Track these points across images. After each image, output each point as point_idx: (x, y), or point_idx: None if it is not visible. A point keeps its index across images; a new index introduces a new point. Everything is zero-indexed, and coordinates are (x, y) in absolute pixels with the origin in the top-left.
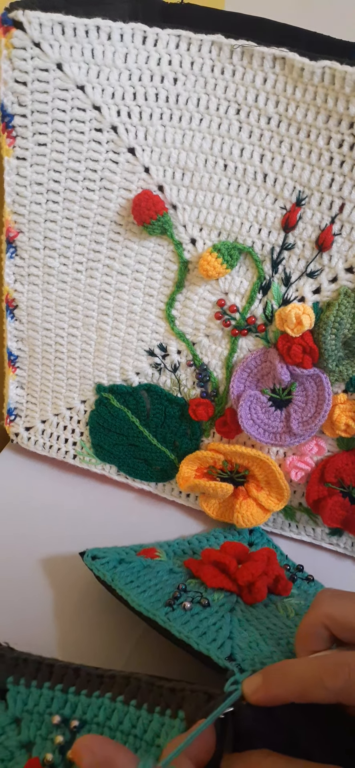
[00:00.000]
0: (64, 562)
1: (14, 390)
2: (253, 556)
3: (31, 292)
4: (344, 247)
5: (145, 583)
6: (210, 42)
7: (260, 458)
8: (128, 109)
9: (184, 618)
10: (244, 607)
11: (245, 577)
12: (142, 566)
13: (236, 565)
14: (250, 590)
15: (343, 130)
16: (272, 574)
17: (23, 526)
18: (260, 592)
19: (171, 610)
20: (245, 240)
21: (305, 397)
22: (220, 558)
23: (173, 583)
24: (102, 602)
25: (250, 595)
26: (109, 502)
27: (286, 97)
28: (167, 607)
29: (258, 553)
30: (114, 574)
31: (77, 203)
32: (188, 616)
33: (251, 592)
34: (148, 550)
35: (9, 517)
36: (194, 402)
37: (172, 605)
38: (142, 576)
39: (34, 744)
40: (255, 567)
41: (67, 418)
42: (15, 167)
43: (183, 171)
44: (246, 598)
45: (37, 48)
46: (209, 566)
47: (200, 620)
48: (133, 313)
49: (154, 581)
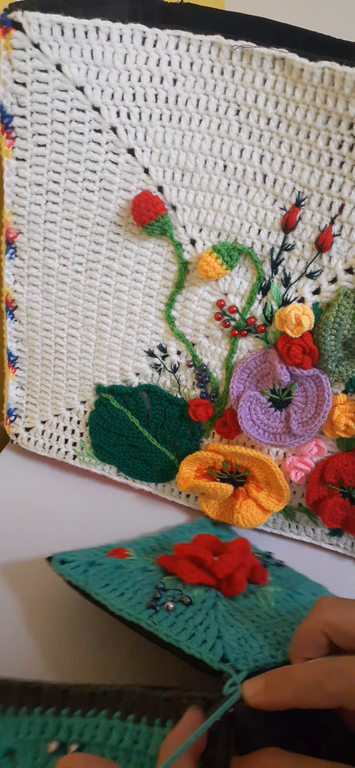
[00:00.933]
0: None
1: (14, 390)
2: (228, 547)
3: (30, 292)
4: (343, 248)
5: (121, 585)
6: (209, 42)
7: (260, 459)
8: (128, 110)
9: (169, 620)
10: (225, 601)
11: (223, 569)
12: (115, 567)
13: (212, 558)
14: (229, 582)
15: (342, 131)
16: (249, 564)
17: (23, 526)
18: (240, 584)
19: (154, 612)
20: (244, 241)
21: (304, 397)
22: (195, 552)
23: (150, 582)
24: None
25: (229, 588)
26: (109, 503)
27: (285, 97)
28: (150, 609)
29: (233, 544)
30: (87, 577)
31: (77, 204)
32: (173, 618)
33: (230, 584)
34: (117, 550)
35: (9, 517)
36: (194, 403)
37: (155, 607)
38: (116, 578)
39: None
40: (233, 558)
41: (67, 418)
42: (14, 168)
43: (183, 172)
44: (225, 590)
45: (37, 49)
46: (184, 561)
47: (186, 620)
48: (133, 313)
49: (130, 582)
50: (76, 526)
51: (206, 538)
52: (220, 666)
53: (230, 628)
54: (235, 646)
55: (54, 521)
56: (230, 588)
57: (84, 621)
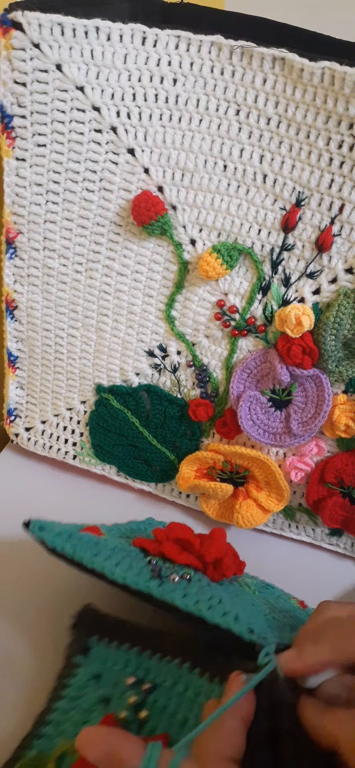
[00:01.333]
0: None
1: (14, 390)
2: (211, 535)
3: (30, 292)
4: (343, 248)
5: (112, 556)
6: (210, 43)
7: (260, 459)
8: (128, 110)
9: (178, 591)
10: (215, 584)
11: (212, 553)
12: (94, 542)
13: (199, 542)
14: (215, 567)
15: (342, 131)
16: (231, 552)
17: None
18: (228, 569)
19: (161, 582)
20: (244, 241)
21: (304, 397)
22: (183, 535)
23: (136, 558)
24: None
25: (216, 572)
26: (109, 502)
27: (285, 97)
28: (156, 579)
29: (213, 532)
30: (72, 545)
31: (77, 204)
32: (182, 590)
33: (217, 569)
34: (90, 527)
35: (9, 517)
36: (194, 403)
37: (161, 578)
38: (102, 549)
39: (111, 700)
40: (220, 544)
41: (67, 418)
42: (14, 168)
43: (183, 172)
44: (212, 574)
45: (37, 49)
46: (170, 543)
47: (196, 593)
48: (133, 313)
49: (119, 554)
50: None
51: (182, 526)
52: (251, 637)
53: (238, 606)
54: (253, 620)
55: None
56: (217, 572)
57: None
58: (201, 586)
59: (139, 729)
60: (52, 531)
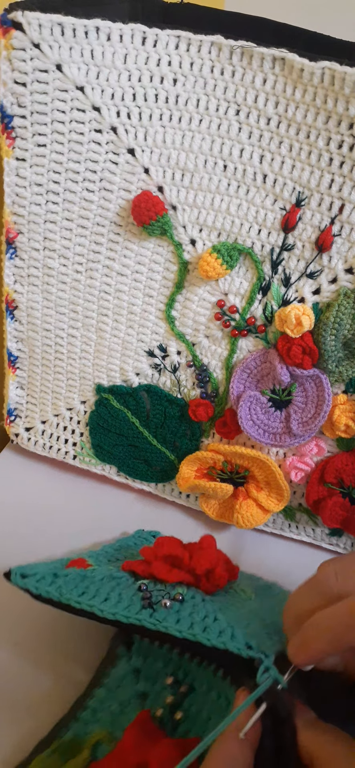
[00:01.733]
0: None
1: (14, 390)
2: (198, 545)
3: (30, 293)
4: (343, 248)
5: (100, 591)
6: (210, 43)
7: (260, 459)
8: (128, 110)
9: (172, 616)
10: (210, 598)
11: (202, 565)
12: (81, 577)
13: (188, 556)
14: (208, 578)
15: (342, 131)
16: (223, 559)
17: (23, 526)
18: (221, 578)
19: (153, 611)
20: (244, 241)
21: (304, 397)
22: (171, 551)
23: (125, 586)
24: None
25: (209, 584)
26: (109, 502)
27: (285, 97)
28: (148, 608)
29: (202, 541)
30: (58, 588)
31: (77, 204)
32: (174, 614)
33: (209, 580)
34: (76, 561)
35: (9, 517)
36: (194, 403)
37: (152, 606)
38: (90, 585)
39: (148, 696)
40: (209, 553)
41: (67, 418)
42: (14, 168)
43: (183, 172)
44: (205, 587)
45: (37, 49)
46: (159, 563)
47: (189, 614)
48: (133, 313)
49: (107, 588)
50: (76, 526)
51: (169, 540)
52: (249, 653)
53: (234, 620)
54: (250, 633)
55: (54, 521)
56: (210, 584)
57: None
58: (195, 604)
59: (173, 729)
60: (35, 576)
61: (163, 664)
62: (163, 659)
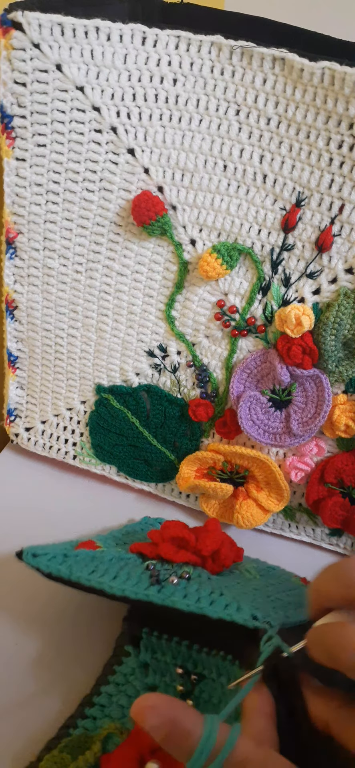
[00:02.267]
0: None
1: (14, 390)
2: (203, 528)
3: (30, 293)
4: (343, 248)
5: (109, 570)
6: (209, 43)
7: (260, 459)
8: (128, 110)
9: (179, 592)
10: (215, 576)
11: (208, 546)
12: (90, 557)
13: (195, 538)
14: (214, 559)
15: (342, 131)
16: (228, 541)
17: (23, 526)
18: (227, 558)
19: (161, 587)
20: (244, 241)
21: (304, 397)
22: (178, 533)
23: (133, 566)
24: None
25: (215, 564)
26: (109, 502)
27: (285, 97)
28: (156, 585)
29: (208, 524)
30: (68, 567)
31: (77, 204)
32: (182, 590)
33: (215, 561)
34: (85, 543)
35: (9, 517)
36: (194, 403)
37: (160, 582)
38: (99, 565)
39: (158, 688)
40: (215, 535)
41: (67, 418)
42: (14, 168)
43: (183, 172)
44: (211, 568)
45: (37, 49)
46: (166, 544)
47: (196, 590)
48: (133, 313)
49: (116, 567)
50: (77, 526)
51: (176, 523)
52: (254, 624)
53: (240, 595)
54: (254, 606)
55: (54, 521)
56: (216, 564)
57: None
58: (201, 581)
59: None
60: (46, 556)
61: (171, 657)
62: (172, 652)
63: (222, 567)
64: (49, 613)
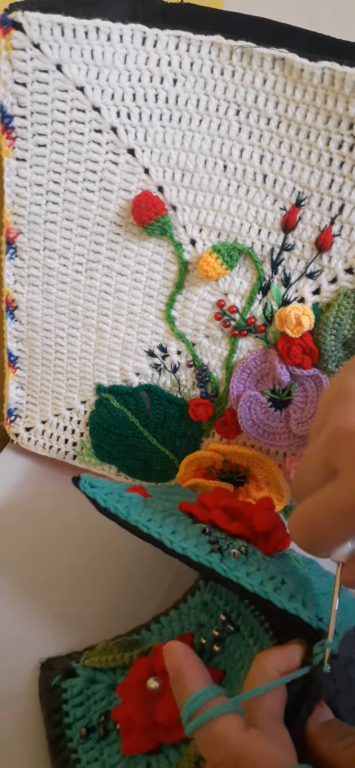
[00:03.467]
0: (64, 561)
1: (14, 390)
2: (259, 504)
3: (30, 293)
4: (343, 248)
5: (166, 522)
6: (209, 43)
7: (260, 458)
8: (128, 110)
9: (241, 568)
10: (269, 558)
11: (263, 523)
12: (143, 504)
13: (249, 512)
14: (266, 540)
15: (342, 131)
16: (281, 524)
17: (23, 526)
18: (280, 542)
19: (222, 557)
20: (244, 241)
21: (304, 397)
22: (233, 503)
23: (187, 524)
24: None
25: (266, 545)
26: None
27: (285, 97)
28: (217, 553)
29: (262, 501)
30: (127, 508)
31: (77, 204)
32: (243, 566)
33: (267, 542)
34: (135, 487)
35: (9, 517)
36: (194, 402)
37: (222, 552)
38: (155, 515)
39: (204, 626)
40: (271, 513)
41: (67, 418)
42: (15, 168)
43: (183, 172)
44: (262, 547)
45: (37, 49)
46: (219, 511)
47: (257, 569)
48: (133, 313)
49: (173, 520)
50: (76, 525)
51: (229, 493)
52: (319, 625)
53: (299, 586)
54: (318, 603)
55: (54, 521)
56: (268, 546)
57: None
58: (258, 561)
59: (208, 659)
60: (103, 490)
61: (224, 602)
62: (226, 598)
63: (274, 549)
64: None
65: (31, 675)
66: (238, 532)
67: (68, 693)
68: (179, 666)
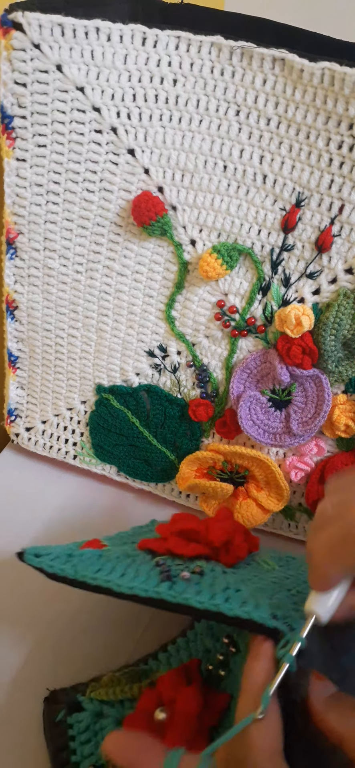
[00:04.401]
0: None
1: (15, 390)
2: (217, 517)
3: (31, 293)
4: (343, 249)
5: (116, 568)
6: (210, 43)
7: (260, 459)
8: (128, 111)
9: (191, 588)
10: (231, 570)
11: (219, 536)
12: (97, 556)
13: (206, 529)
14: (227, 550)
15: (342, 132)
16: (242, 530)
17: (23, 526)
18: (240, 549)
19: (172, 584)
20: (244, 241)
21: (304, 397)
22: (186, 525)
23: (142, 562)
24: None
25: (229, 556)
26: (109, 502)
27: (285, 98)
28: (167, 581)
29: (219, 513)
30: (73, 566)
31: (77, 204)
32: (194, 587)
33: (228, 552)
34: (91, 542)
35: (9, 517)
36: (194, 402)
37: (171, 578)
38: (105, 563)
39: (210, 652)
40: (226, 524)
41: (68, 418)
42: (15, 168)
43: (183, 172)
44: (225, 559)
45: (37, 49)
46: (175, 537)
47: (210, 586)
48: (133, 314)
49: (124, 564)
50: (77, 526)
51: (185, 516)
52: (274, 624)
53: (258, 591)
54: (274, 603)
55: (54, 521)
56: (230, 555)
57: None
58: (215, 576)
59: (217, 683)
60: (49, 555)
61: (227, 624)
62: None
63: (237, 558)
64: (49, 612)
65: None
66: (196, 553)
67: (75, 729)
68: (130, 756)
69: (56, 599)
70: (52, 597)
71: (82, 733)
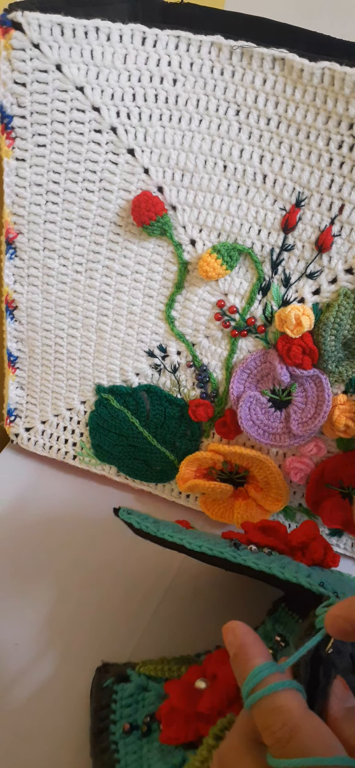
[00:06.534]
0: (64, 562)
1: (14, 391)
2: (300, 526)
3: (30, 293)
4: (343, 248)
5: (195, 538)
6: (209, 43)
7: (260, 459)
8: (128, 110)
9: (253, 556)
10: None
11: (298, 537)
12: (180, 528)
13: (286, 529)
14: (304, 553)
15: (342, 131)
16: (323, 542)
17: (23, 526)
18: (316, 552)
19: (236, 549)
20: (244, 241)
21: (304, 398)
22: (271, 524)
23: (220, 541)
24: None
25: (304, 558)
26: (109, 502)
27: (285, 98)
28: (233, 547)
29: (303, 525)
30: (157, 526)
31: (77, 204)
32: (256, 557)
33: (305, 554)
34: (181, 521)
35: (9, 517)
36: (194, 403)
37: (238, 547)
38: (186, 534)
39: None
40: (309, 529)
41: (67, 418)
42: (14, 168)
43: (182, 172)
44: (300, 559)
45: (37, 49)
46: (256, 531)
47: (271, 560)
48: (133, 314)
49: (203, 537)
50: (77, 526)
51: (274, 522)
52: (320, 590)
53: (322, 575)
54: (328, 581)
55: (54, 521)
56: (306, 558)
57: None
58: (279, 558)
59: None
60: (140, 516)
61: (282, 628)
62: (283, 625)
63: (312, 561)
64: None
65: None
66: (272, 544)
67: (119, 695)
68: (241, 642)
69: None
70: None
71: (124, 699)
